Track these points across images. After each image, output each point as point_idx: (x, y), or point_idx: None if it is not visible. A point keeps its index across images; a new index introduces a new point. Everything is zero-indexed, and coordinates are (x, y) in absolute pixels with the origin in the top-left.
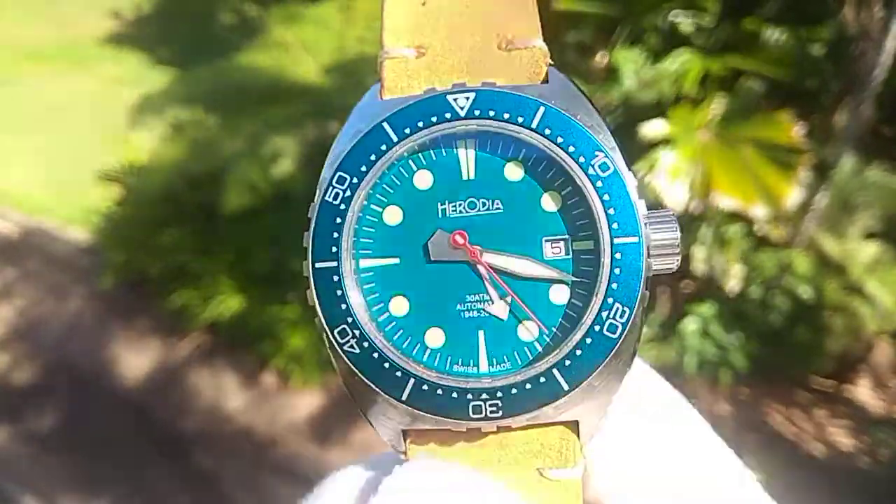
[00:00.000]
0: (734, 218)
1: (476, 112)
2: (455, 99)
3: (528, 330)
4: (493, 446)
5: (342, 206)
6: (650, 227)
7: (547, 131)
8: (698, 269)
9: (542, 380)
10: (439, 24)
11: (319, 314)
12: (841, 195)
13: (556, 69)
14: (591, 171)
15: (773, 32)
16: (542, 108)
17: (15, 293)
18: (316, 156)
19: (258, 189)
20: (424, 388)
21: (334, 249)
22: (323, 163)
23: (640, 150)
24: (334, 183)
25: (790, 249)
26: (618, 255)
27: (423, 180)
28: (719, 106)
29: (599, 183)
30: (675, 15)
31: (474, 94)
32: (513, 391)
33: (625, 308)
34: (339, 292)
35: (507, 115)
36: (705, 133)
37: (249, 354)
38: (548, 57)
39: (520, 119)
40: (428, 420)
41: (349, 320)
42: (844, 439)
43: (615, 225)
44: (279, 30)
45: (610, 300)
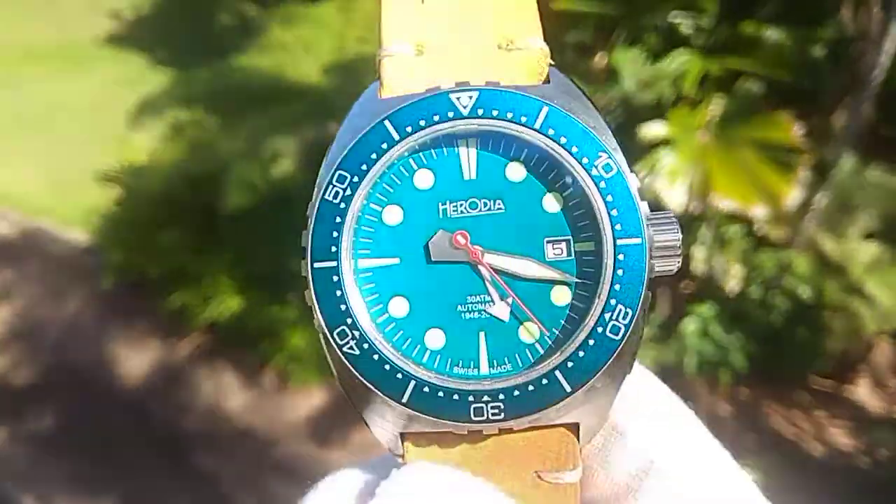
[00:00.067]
0: (734, 218)
1: (479, 111)
2: (458, 98)
3: (529, 331)
4: (491, 449)
5: (342, 205)
6: (652, 228)
7: (550, 132)
8: (698, 269)
9: (544, 381)
10: (439, 22)
11: (318, 315)
12: (841, 195)
13: (558, 69)
14: (594, 171)
15: (773, 33)
16: (546, 108)
17: (14, 293)
18: (316, 156)
19: (258, 189)
20: (425, 390)
21: (334, 249)
22: (322, 162)
23: (639, 151)
24: (334, 181)
25: (790, 249)
26: (621, 257)
27: (424, 180)
28: (718, 107)
29: (603, 184)
30: (674, 16)
31: (477, 92)
32: (515, 393)
33: (627, 309)
34: (338, 293)
35: (510, 115)
36: (704, 134)
37: (249, 354)
38: (549, 57)
39: (523, 119)
40: (428, 422)
41: (349, 321)
42: (844, 439)
43: (618, 226)
44: (279, 30)
45: (613, 301)
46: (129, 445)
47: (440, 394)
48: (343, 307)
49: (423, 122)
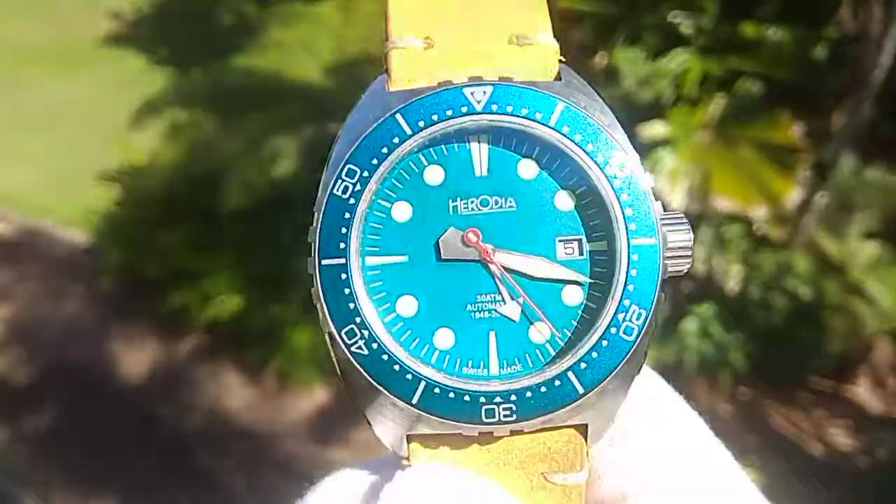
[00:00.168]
0: (734, 218)
1: (493, 106)
2: (472, 92)
3: (539, 332)
4: (498, 450)
5: (351, 201)
6: (665, 228)
7: (565, 129)
8: (698, 269)
9: (556, 383)
10: (448, 16)
11: (326, 314)
12: (840, 195)
13: (568, 66)
14: (608, 170)
15: (773, 33)
16: (562, 105)
17: (14, 293)
18: (316, 156)
19: (258, 189)
20: (436, 391)
21: (342, 246)
22: (323, 162)
23: (640, 151)
24: (343, 176)
25: (790, 249)
26: (635, 257)
27: (435, 176)
28: (718, 106)
29: (617, 182)
30: (674, 16)
31: (492, 87)
32: (527, 394)
33: (641, 310)
34: (346, 291)
35: (524, 111)
36: (704, 134)
37: (249, 354)
38: (559, 54)
39: (538, 115)
40: (437, 424)
41: (357, 320)
42: (844, 439)
43: (633, 226)
44: (279, 30)
45: (626, 302)
46: (129, 445)
47: (451, 395)
48: (352, 305)
49: (435, 117)
